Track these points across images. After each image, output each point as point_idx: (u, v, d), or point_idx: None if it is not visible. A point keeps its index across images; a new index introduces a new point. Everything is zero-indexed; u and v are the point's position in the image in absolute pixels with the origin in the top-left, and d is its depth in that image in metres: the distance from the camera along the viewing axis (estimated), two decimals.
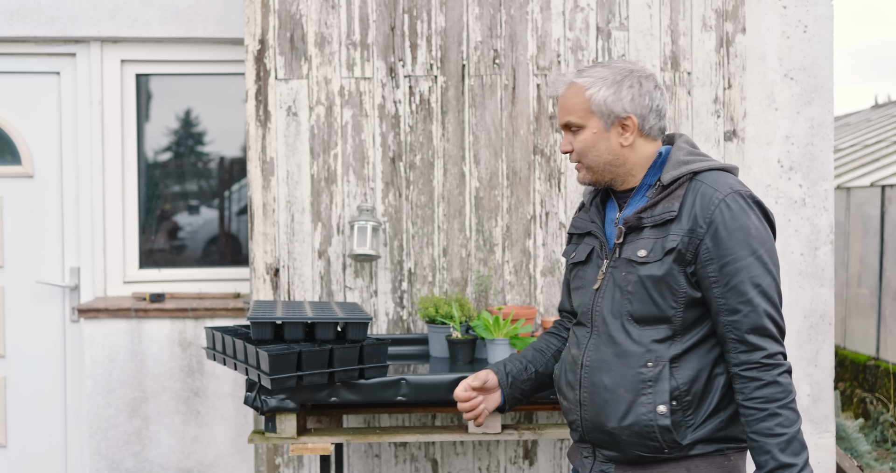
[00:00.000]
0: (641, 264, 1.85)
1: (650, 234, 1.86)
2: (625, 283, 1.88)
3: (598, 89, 1.91)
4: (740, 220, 1.81)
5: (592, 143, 1.93)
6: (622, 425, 1.86)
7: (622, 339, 1.88)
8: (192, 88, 4.01)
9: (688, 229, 1.83)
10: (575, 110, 1.94)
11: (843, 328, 6.66)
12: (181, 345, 3.71)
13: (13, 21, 3.77)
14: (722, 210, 1.81)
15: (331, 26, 3.36)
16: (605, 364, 1.89)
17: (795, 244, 3.44)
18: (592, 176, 1.97)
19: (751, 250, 1.80)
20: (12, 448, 3.89)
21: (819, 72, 3.45)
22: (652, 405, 1.83)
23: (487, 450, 3.42)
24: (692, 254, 1.83)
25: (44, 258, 3.91)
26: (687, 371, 1.85)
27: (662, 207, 1.86)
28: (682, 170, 1.88)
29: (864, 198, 6.53)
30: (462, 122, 3.37)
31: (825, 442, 3.48)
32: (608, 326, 1.90)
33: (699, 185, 1.86)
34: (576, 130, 1.95)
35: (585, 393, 1.93)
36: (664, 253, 1.83)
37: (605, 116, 1.91)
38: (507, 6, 3.36)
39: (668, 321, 1.85)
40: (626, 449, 1.89)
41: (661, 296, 1.84)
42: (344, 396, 2.70)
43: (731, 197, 1.83)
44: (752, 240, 1.81)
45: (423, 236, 3.37)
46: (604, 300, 1.92)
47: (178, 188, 4.08)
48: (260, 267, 3.36)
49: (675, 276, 1.83)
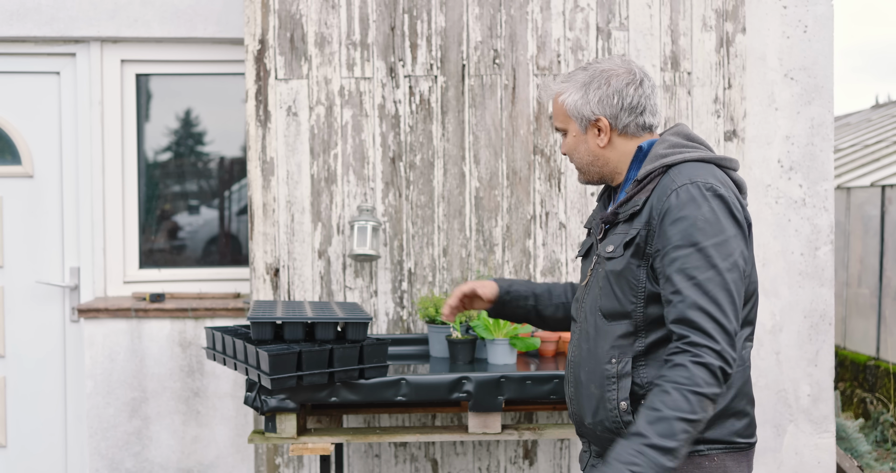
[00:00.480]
0: (608, 260, 1.87)
1: (621, 229, 1.88)
2: (598, 279, 1.91)
3: (569, 95, 1.94)
4: (687, 210, 1.74)
5: (574, 146, 1.97)
6: (595, 420, 1.89)
7: (594, 335, 1.90)
8: (192, 88, 4.01)
9: (645, 222, 1.80)
10: (557, 116, 1.99)
11: (844, 328, 6.65)
12: (181, 345, 3.71)
13: (13, 21, 3.77)
14: (671, 200, 1.76)
15: (331, 26, 3.36)
16: (582, 360, 1.93)
17: (795, 244, 3.44)
18: (583, 176, 2.01)
19: (692, 242, 1.72)
20: (12, 448, 3.89)
21: (819, 72, 3.45)
22: (615, 401, 1.83)
23: (487, 450, 3.42)
24: (652, 247, 1.80)
25: (44, 258, 3.91)
26: (652, 371, 1.81)
27: (633, 201, 1.86)
28: (655, 164, 1.85)
29: (864, 198, 6.53)
30: (462, 122, 3.37)
31: (825, 442, 3.48)
32: (587, 322, 1.93)
33: (667, 178, 1.82)
34: (563, 134, 2.00)
35: (571, 388, 1.98)
36: (624, 248, 1.84)
37: (579, 120, 1.94)
38: (507, 6, 3.36)
39: (629, 316, 1.83)
40: (603, 444, 1.92)
41: (621, 291, 1.84)
42: (344, 396, 2.70)
43: (685, 188, 1.77)
44: (697, 232, 1.72)
45: (423, 236, 3.37)
46: (588, 295, 1.95)
47: (178, 188, 4.08)
48: (260, 267, 3.36)
49: (633, 270, 1.81)
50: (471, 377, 2.75)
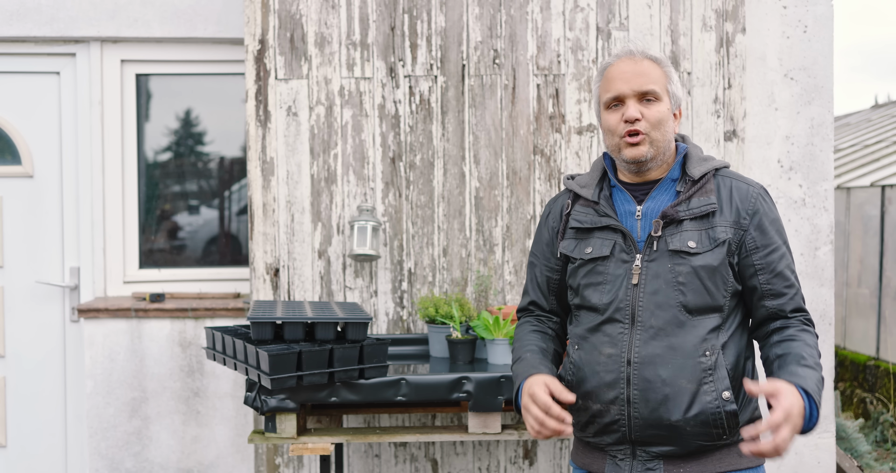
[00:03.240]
0: (694, 255, 1.87)
1: (692, 226, 1.89)
2: (673, 275, 1.87)
3: (671, 72, 1.95)
4: (774, 212, 1.95)
5: (667, 117, 1.91)
6: (687, 416, 1.84)
7: (674, 331, 1.87)
8: (192, 88, 4.01)
9: (733, 221, 1.90)
10: (657, 81, 1.91)
11: (843, 328, 6.65)
12: (181, 345, 3.71)
13: (13, 21, 3.77)
14: (761, 203, 1.93)
15: (331, 26, 3.36)
16: (659, 358, 1.86)
17: (795, 244, 3.44)
18: (654, 151, 1.90)
19: (783, 240, 1.94)
20: (12, 448, 3.89)
21: (819, 72, 3.45)
22: (716, 392, 1.85)
23: (487, 450, 3.42)
24: (737, 244, 1.90)
25: (44, 258, 3.91)
26: (731, 358, 1.90)
27: (698, 200, 1.90)
28: (707, 166, 1.95)
29: (864, 198, 6.53)
30: (462, 122, 3.37)
31: (825, 442, 3.48)
32: (658, 319, 1.87)
33: (727, 180, 1.95)
34: (652, 99, 1.90)
35: (636, 390, 1.87)
36: (715, 244, 1.88)
37: (673, 99, 1.95)
38: (507, 6, 3.36)
39: (720, 309, 1.89)
40: (686, 441, 1.87)
41: (714, 285, 1.88)
42: (344, 396, 2.70)
43: (763, 191, 1.95)
44: (783, 231, 1.95)
45: (423, 236, 3.37)
46: (646, 294, 1.88)
47: (178, 188, 4.08)
48: (260, 267, 3.36)
49: (726, 265, 1.89)
50: (471, 377, 2.75)
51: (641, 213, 1.93)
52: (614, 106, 1.92)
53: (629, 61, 1.92)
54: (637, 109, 1.88)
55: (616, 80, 1.91)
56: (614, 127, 1.91)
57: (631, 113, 1.88)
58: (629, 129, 1.88)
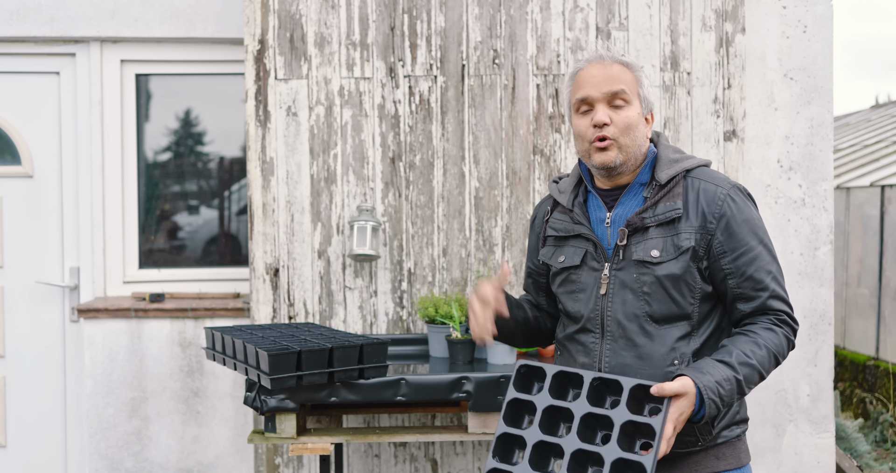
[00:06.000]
0: (657, 265, 1.84)
1: (657, 233, 1.85)
2: (638, 284, 1.86)
3: (642, 76, 1.91)
4: (745, 212, 1.87)
5: (636, 121, 1.87)
6: None
7: (643, 341, 1.85)
8: (192, 88, 4.01)
9: (698, 226, 1.84)
10: (627, 83, 1.87)
11: (843, 328, 6.66)
12: (181, 345, 3.71)
13: (13, 21, 3.77)
14: (729, 204, 1.85)
15: (330, 26, 3.36)
16: (628, 369, 1.86)
17: (795, 244, 3.44)
18: (624, 156, 1.87)
19: (759, 240, 1.86)
20: (12, 447, 3.89)
21: (819, 72, 3.45)
22: None
23: (487, 450, 3.42)
24: (704, 249, 1.85)
25: (43, 258, 3.91)
26: None
27: (664, 206, 1.85)
28: (675, 168, 1.88)
29: (863, 198, 6.53)
30: (462, 122, 3.37)
31: (825, 442, 3.48)
32: (625, 329, 1.87)
33: (696, 182, 1.88)
34: (622, 104, 1.87)
35: None
36: (679, 252, 1.83)
37: (644, 103, 1.91)
38: (507, 6, 3.36)
39: (688, 317, 1.86)
40: None
41: (679, 294, 1.84)
42: (344, 396, 2.70)
43: (733, 191, 1.87)
44: (758, 230, 1.87)
45: (423, 236, 3.37)
46: (614, 303, 1.88)
47: (178, 188, 4.08)
48: (260, 267, 3.36)
49: (692, 273, 1.84)
50: (470, 377, 2.76)
51: (611, 220, 1.91)
52: (584, 111, 1.90)
53: (599, 66, 1.89)
54: (606, 113, 1.86)
55: (585, 84, 1.89)
56: (584, 132, 1.89)
57: (599, 117, 1.85)
58: (598, 134, 1.86)
